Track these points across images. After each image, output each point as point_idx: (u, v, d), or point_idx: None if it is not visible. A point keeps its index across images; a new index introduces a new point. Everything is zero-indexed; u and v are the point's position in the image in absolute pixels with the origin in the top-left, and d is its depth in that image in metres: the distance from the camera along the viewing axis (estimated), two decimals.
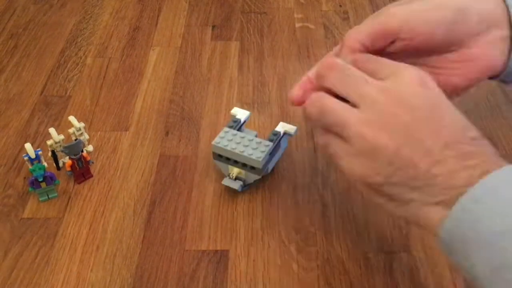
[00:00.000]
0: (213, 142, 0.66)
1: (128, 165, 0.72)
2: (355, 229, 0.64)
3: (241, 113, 0.71)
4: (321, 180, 0.70)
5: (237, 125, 0.69)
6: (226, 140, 0.66)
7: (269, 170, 0.68)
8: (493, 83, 0.86)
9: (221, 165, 0.68)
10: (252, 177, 0.66)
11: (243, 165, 0.66)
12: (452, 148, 0.41)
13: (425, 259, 0.61)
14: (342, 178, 0.70)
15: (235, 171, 0.67)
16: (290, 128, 0.69)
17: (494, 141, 0.75)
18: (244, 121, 0.70)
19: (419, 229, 0.48)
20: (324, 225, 0.65)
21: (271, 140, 0.66)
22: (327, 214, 0.66)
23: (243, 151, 0.65)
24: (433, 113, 0.43)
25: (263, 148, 0.65)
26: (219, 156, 0.67)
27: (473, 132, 0.44)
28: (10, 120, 0.80)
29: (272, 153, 0.67)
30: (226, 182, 0.68)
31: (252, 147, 0.65)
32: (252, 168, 0.65)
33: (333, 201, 0.68)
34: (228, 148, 0.65)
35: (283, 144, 0.70)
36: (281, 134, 0.68)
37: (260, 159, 0.64)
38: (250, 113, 0.71)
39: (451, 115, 0.44)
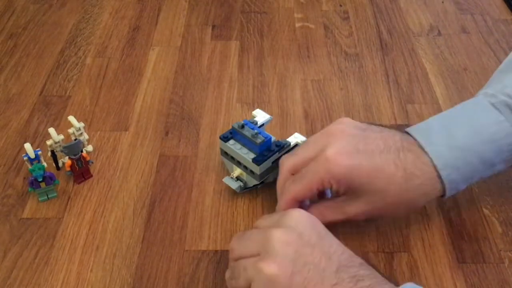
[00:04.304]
0: (220, 136, 0.66)
1: (128, 165, 0.72)
2: (355, 229, 0.64)
3: (261, 116, 0.70)
4: None
5: (252, 126, 0.67)
6: (233, 139, 0.66)
7: (271, 179, 0.67)
8: None
9: (226, 162, 0.68)
10: (252, 181, 0.66)
11: (245, 167, 0.65)
12: (345, 272, 0.45)
13: (425, 259, 0.61)
14: None
15: (237, 171, 0.67)
16: (302, 140, 0.67)
17: None
18: (262, 124, 0.69)
19: None
20: (324, 225, 0.65)
21: (277, 148, 0.65)
22: None
23: (246, 153, 0.64)
24: (322, 241, 0.47)
25: (266, 155, 0.64)
26: (225, 153, 0.67)
27: (360, 259, 0.48)
28: (10, 120, 0.79)
29: (276, 162, 0.65)
30: (227, 180, 0.67)
31: (256, 152, 0.64)
32: (252, 172, 0.65)
33: None
34: (233, 147, 0.65)
35: None
36: (290, 146, 0.66)
37: (259, 165, 0.63)
38: (271, 117, 0.70)
39: (338, 245, 0.48)
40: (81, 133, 0.70)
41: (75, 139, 0.68)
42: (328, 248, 0.47)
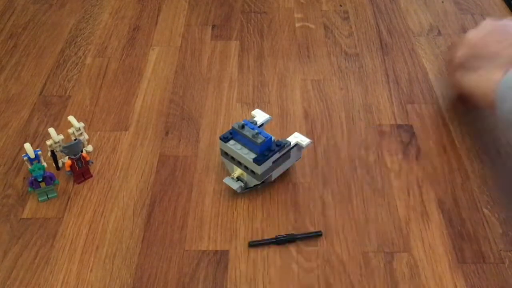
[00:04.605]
0: (220, 137, 0.66)
1: (128, 165, 0.72)
2: (355, 229, 0.64)
3: (260, 116, 0.70)
4: (321, 180, 0.70)
5: (252, 126, 0.67)
6: (233, 139, 0.66)
7: (272, 178, 0.67)
8: None
9: (227, 162, 0.68)
10: (253, 181, 0.66)
11: (245, 168, 0.65)
12: None
13: (425, 259, 0.61)
14: (342, 178, 0.70)
15: (237, 171, 0.67)
16: (302, 140, 0.67)
17: (494, 140, 0.75)
18: (262, 124, 0.69)
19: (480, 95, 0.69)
20: (324, 225, 0.65)
21: (277, 148, 0.65)
22: (327, 214, 0.66)
23: (246, 153, 0.64)
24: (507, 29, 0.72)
25: (267, 155, 0.64)
26: (225, 154, 0.67)
27: None
28: (10, 120, 0.79)
29: (277, 162, 0.66)
30: (227, 181, 0.67)
31: (257, 152, 0.64)
32: (253, 172, 0.65)
33: (333, 201, 0.67)
34: (233, 147, 0.65)
35: (295, 155, 0.68)
36: (291, 145, 0.67)
37: (260, 165, 0.63)
38: (271, 118, 0.70)
39: None
40: (81, 133, 0.70)
41: (75, 139, 0.68)
42: (508, 33, 0.72)
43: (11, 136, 0.77)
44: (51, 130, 0.68)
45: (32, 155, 0.65)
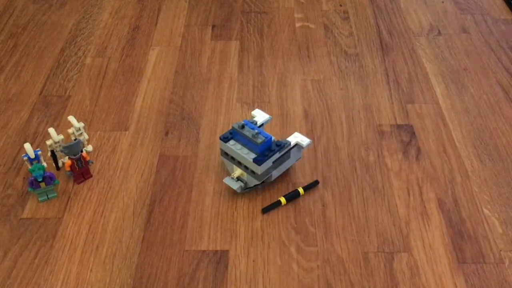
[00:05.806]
0: (220, 137, 0.66)
1: (128, 165, 0.72)
2: (355, 229, 0.64)
3: (260, 116, 0.70)
4: (321, 180, 0.70)
5: (252, 126, 0.67)
6: (233, 139, 0.66)
7: (272, 178, 0.67)
8: (493, 81, 0.86)
9: (227, 162, 0.68)
10: (253, 181, 0.66)
11: (245, 168, 0.65)
12: None
13: (425, 259, 0.61)
14: (342, 178, 0.70)
15: (237, 171, 0.67)
16: (302, 140, 0.67)
17: (494, 139, 0.75)
18: (262, 124, 0.69)
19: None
20: (324, 225, 0.65)
21: (277, 148, 0.65)
22: (327, 214, 0.66)
23: (246, 153, 0.64)
24: None
25: (267, 155, 0.64)
26: (225, 154, 0.67)
27: None
28: (9, 120, 0.79)
29: (276, 162, 0.66)
30: (227, 181, 0.67)
31: (257, 152, 0.64)
32: (253, 172, 0.65)
33: (333, 201, 0.67)
34: (233, 147, 0.65)
35: (295, 154, 0.69)
36: (291, 145, 0.67)
37: (260, 165, 0.63)
38: (271, 117, 0.70)
39: None
40: (81, 133, 0.70)
41: (75, 139, 0.68)
42: None
43: (11, 136, 0.77)
44: (51, 130, 0.68)
45: (32, 155, 0.65)
